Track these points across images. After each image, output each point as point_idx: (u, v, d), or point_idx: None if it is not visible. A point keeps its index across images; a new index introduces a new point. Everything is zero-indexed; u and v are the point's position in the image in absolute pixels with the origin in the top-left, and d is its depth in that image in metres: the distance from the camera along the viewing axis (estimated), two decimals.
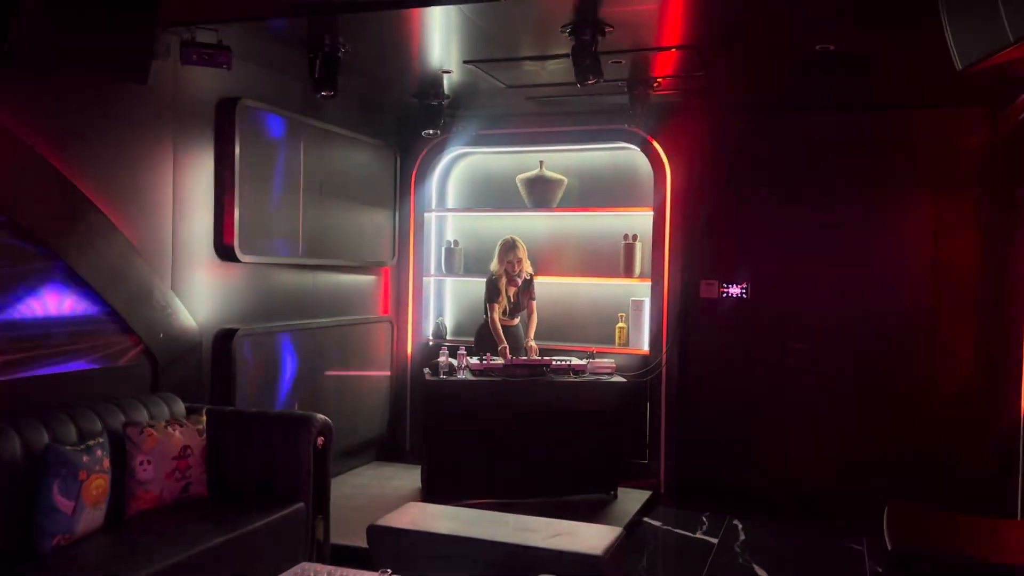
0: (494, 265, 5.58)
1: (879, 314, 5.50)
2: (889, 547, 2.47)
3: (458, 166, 6.63)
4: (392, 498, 5.13)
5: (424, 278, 6.47)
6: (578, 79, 4.12)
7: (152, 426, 3.54)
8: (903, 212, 5.48)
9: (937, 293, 5.39)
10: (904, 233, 5.47)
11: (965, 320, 5.34)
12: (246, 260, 4.66)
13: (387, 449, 6.32)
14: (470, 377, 5.19)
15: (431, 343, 6.37)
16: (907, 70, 4.68)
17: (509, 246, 5.53)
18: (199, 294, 4.44)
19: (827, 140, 5.60)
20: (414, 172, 6.44)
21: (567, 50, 4.17)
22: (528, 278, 5.62)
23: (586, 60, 3.96)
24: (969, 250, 5.33)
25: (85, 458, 3.11)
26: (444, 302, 6.64)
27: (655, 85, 5.07)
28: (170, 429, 3.58)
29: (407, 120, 6.12)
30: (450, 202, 6.64)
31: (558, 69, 4.70)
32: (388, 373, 6.33)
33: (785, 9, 3.78)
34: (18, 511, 3.01)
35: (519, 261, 5.51)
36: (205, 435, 3.72)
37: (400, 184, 6.37)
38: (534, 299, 5.67)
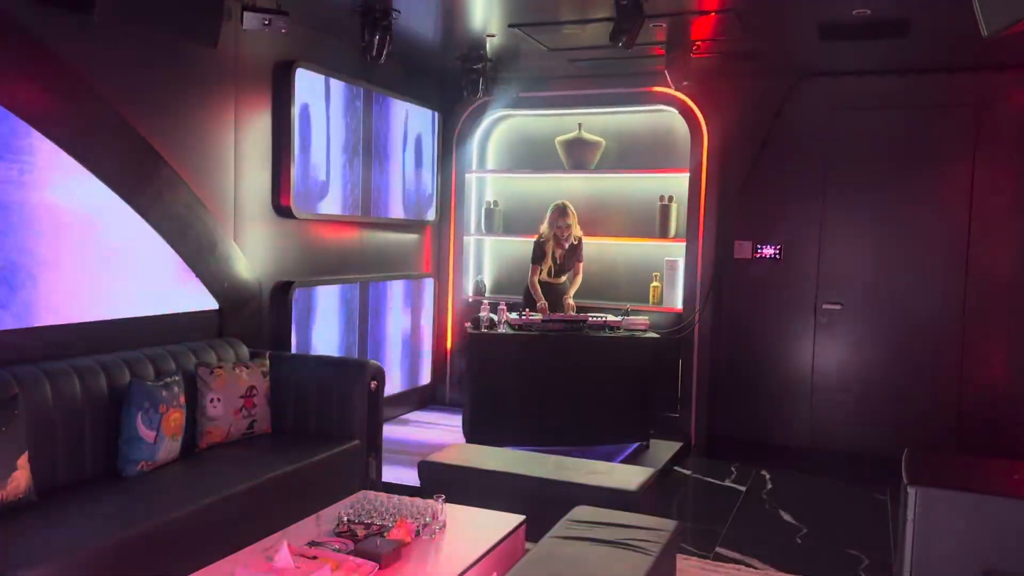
0: (543, 227, 5.72)
1: (913, 279, 5.59)
2: (905, 481, 2.64)
3: (498, 128, 6.80)
4: (435, 443, 5.42)
5: (465, 237, 6.69)
6: (613, 39, 4.22)
7: (221, 367, 3.83)
8: (940, 176, 5.52)
9: (972, 259, 5.44)
10: (941, 197, 5.51)
11: (1001, 289, 5.38)
12: (301, 217, 4.91)
13: (429, 399, 6.63)
14: (509, 331, 5.42)
15: (471, 300, 6.62)
16: (944, 33, 4.74)
17: (560, 211, 5.65)
18: (257, 247, 4.71)
19: (864, 104, 5.67)
20: (456, 134, 6.62)
21: (610, 13, 4.29)
22: (576, 242, 5.75)
23: (627, 24, 4.08)
24: (1006, 215, 5.38)
25: (164, 393, 3.41)
26: (484, 260, 6.86)
27: (695, 48, 5.18)
28: (237, 370, 3.87)
29: (449, 83, 6.30)
30: (490, 163, 6.82)
31: (599, 31, 4.83)
32: (430, 327, 6.60)
33: None
34: (105, 440, 3.33)
35: (568, 227, 5.64)
36: (269, 377, 4.01)
37: (442, 146, 6.57)
38: (581, 261, 5.82)
